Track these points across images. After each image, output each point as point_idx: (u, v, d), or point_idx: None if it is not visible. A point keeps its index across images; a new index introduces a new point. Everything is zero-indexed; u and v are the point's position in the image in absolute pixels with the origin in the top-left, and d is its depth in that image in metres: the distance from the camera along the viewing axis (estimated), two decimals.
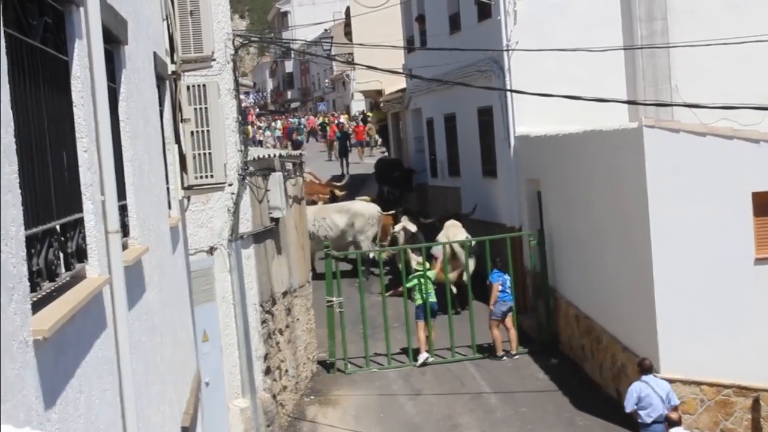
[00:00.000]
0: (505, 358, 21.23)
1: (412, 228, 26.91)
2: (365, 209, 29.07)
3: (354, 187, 37.84)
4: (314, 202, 30.35)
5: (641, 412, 15.24)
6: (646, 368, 15.51)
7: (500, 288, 21.19)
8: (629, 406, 15.38)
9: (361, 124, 51.07)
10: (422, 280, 21.58)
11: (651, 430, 15.16)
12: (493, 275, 21.29)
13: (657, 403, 15.12)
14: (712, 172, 16.16)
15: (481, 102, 26.04)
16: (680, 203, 16.10)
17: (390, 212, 30.20)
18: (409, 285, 21.75)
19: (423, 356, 21.52)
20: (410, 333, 21.92)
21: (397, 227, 27.09)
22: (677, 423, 14.65)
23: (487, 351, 21.79)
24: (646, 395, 15.23)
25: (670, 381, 15.94)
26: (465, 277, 22.92)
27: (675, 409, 15.16)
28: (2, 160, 4.06)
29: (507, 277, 21.41)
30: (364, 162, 50.78)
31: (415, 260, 21.87)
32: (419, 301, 21.62)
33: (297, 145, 52.16)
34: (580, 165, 19.66)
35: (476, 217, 27.68)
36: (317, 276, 25.13)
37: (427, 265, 21.88)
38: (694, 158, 16.14)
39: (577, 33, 22.97)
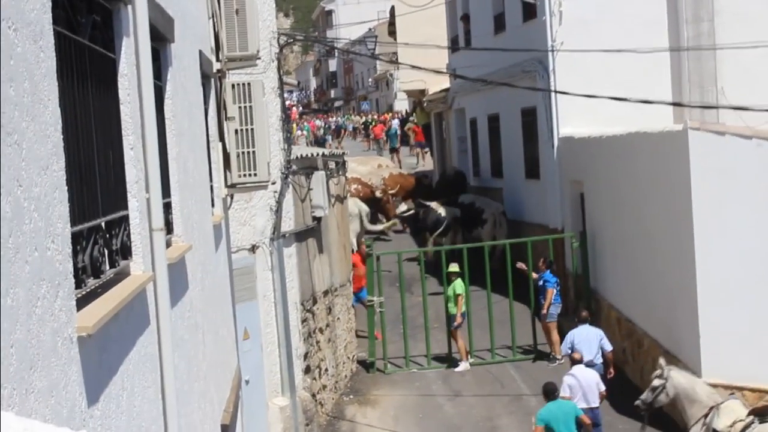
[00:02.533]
0: (556, 362, 20.96)
1: (441, 211, 28.09)
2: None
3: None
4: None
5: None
6: (582, 319, 17.97)
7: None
8: (564, 350, 17.85)
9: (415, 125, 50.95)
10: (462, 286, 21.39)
11: None
12: (549, 278, 21.02)
13: (588, 350, 17.18)
14: (758, 175, 15.98)
15: (525, 102, 25.96)
16: (725, 206, 15.94)
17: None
18: (459, 291, 21.37)
19: (464, 365, 21.42)
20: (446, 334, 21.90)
21: (402, 207, 27.23)
22: (579, 362, 16.38)
23: (531, 353, 21.68)
24: (579, 341, 17.39)
25: (712, 386, 15.80)
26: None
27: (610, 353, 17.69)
28: (50, 158, 4.09)
29: (556, 279, 21.26)
30: (423, 165, 50.02)
31: (452, 266, 21.66)
32: (454, 311, 21.32)
33: (320, 143, 52.61)
34: (624, 167, 19.52)
35: (518, 218, 27.62)
36: None
37: (459, 270, 21.61)
38: (739, 161, 15.97)
39: (622, 34, 22.84)
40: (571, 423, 14.83)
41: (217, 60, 11.92)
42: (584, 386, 16.04)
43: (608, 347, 17.70)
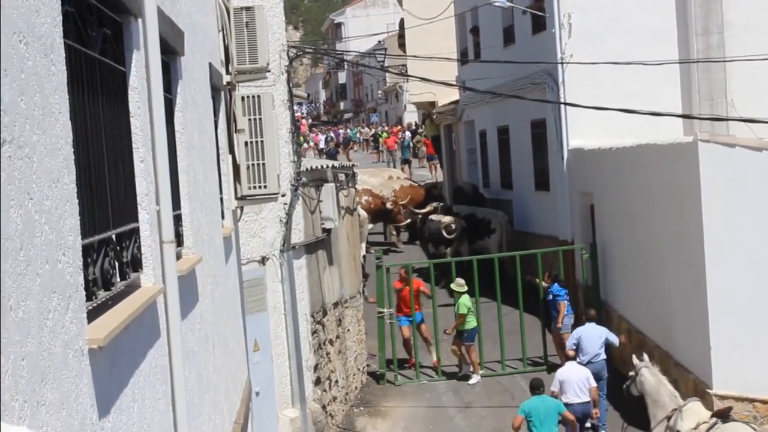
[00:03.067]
0: None
1: (446, 219, 28.25)
2: None
3: None
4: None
5: (579, 355, 17.98)
6: (590, 317, 18.83)
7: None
8: (569, 345, 18.28)
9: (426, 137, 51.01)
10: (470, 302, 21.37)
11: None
12: (560, 292, 20.95)
13: (592, 346, 18.11)
14: None
15: (535, 114, 25.97)
16: (735, 218, 15.91)
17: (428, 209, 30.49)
18: (461, 312, 21.35)
19: (476, 378, 21.39)
20: (439, 345, 21.90)
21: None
22: (572, 359, 17.47)
23: (542, 365, 21.64)
24: (585, 338, 18.20)
25: (723, 397, 15.78)
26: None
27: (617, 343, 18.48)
28: (61, 171, 4.11)
29: (566, 290, 21.24)
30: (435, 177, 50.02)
31: (456, 283, 21.60)
32: (473, 324, 21.22)
33: (331, 156, 52.75)
34: (634, 179, 19.51)
35: (528, 230, 27.62)
36: None
37: (465, 287, 21.55)
38: (749, 173, 15.94)
39: (631, 46, 22.88)
40: (552, 418, 15.41)
41: (227, 73, 11.96)
42: (575, 381, 16.85)
43: (615, 340, 18.46)
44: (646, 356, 16.05)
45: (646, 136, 18.99)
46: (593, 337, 18.32)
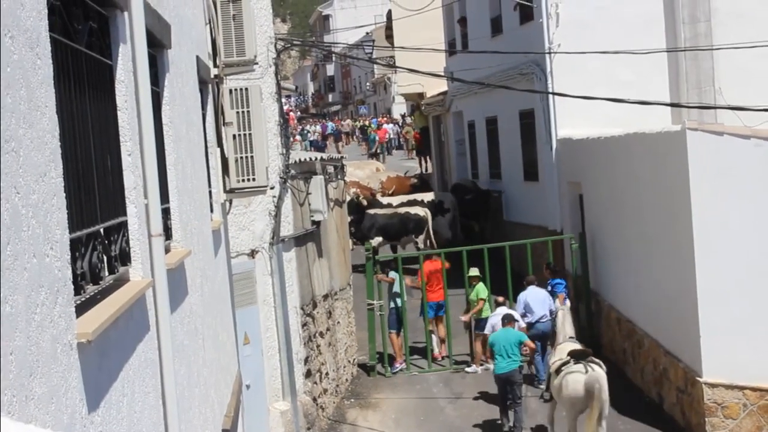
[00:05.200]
0: None
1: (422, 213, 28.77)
2: None
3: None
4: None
5: (528, 314, 19.87)
6: (530, 281, 20.51)
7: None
8: (519, 309, 19.92)
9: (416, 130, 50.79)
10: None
11: (534, 327, 19.64)
12: (558, 286, 20.90)
13: (538, 308, 19.89)
14: (757, 174, 15.99)
15: (523, 105, 25.99)
16: (724, 206, 15.94)
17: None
18: (483, 296, 21.39)
19: (474, 368, 21.37)
20: (450, 337, 21.91)
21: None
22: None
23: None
24: (532, 300, 19.97)
25: (713, 385, 15.85)
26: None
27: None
28: (48, 165, 4.09)
29: (564, 282, 21.22)
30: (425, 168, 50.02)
31: (472, 270, 21.50)
32: (488, 313, 20.82)
33: (318, 149, 52.84)
34: (622, 168, 19.54)
35: (517, 220, 27.66)
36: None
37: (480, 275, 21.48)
38: (738, 161, 15.98)
39: (619, 35, 22.88)
40: (514, 347, 17.42)
41: (215, 65, 11.92)
42: (536, 302, 19.87)
43: (553, 306, 19.61)
44: (567, 302, 19.09)
45: (635, 125, 19.01)
46: (537, 299, 19.99)
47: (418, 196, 30.83)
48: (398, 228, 28.56)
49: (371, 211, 28.95)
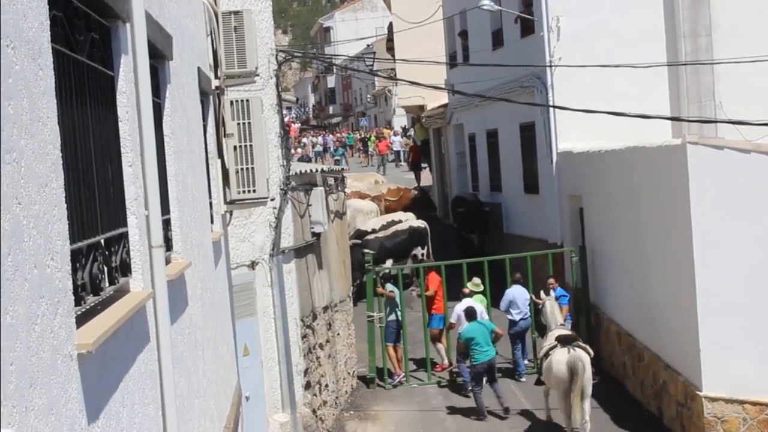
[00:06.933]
0: None
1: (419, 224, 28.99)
2: (363, 205, 31.40)
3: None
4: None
5: (512, 311, 21.19)
6: (516, 280, 21.45)
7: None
8: (503, 306, 21.26)
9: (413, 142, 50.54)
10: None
11: (518, 325, 21.21)
12: (562, 296, 20.89)
13: (522, 305, 21.16)
14: (757, 189, 15.98)
15: (524, 118, 26.02)
16: (724, 220, 15.93)
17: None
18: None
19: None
20: (450, 349, 21.89)
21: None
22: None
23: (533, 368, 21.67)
24: (515, 297, 21.14)
25: (713, 399, 15.83)
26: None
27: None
28: (49, 176, 4.10)
29: (568, 295, 21.25)
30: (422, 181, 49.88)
31: (473, 282, 21.58)
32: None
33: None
34: (623, 182, 19.55)
35: (517, 233, 27.65)
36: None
37: (481, 287, 21.58)
38: (738, 175, 15.98)
39: (620, 49, 22.92)
40: (489, 337, 18.92)
41: (216, 77, 11.94)
42: (522, 300, 21.12)
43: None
44: (552, 293, 20.10)
45: (635, 139, 19.03)
46: (521, 297, 21.21)
47: (397, 218, 30.13)
48: (407, 243, 28.51)
49: (370, 237, 28.58)
